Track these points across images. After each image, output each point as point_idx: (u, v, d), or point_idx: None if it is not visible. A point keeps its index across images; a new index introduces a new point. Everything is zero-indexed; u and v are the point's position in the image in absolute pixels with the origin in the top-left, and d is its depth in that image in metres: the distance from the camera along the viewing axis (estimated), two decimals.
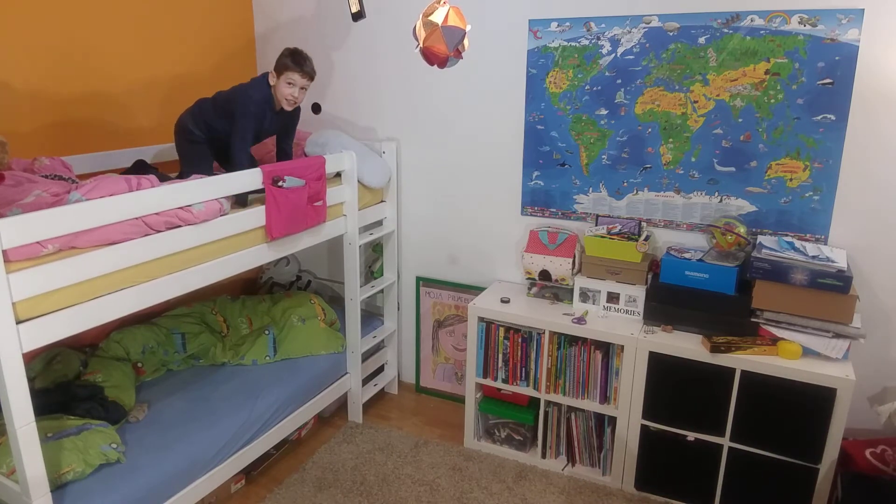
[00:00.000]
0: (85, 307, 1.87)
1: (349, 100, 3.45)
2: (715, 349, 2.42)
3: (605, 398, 2.73)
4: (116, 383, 2.53)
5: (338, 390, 3.15)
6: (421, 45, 1.86)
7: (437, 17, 1.79)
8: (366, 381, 3.37)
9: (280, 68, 2.58)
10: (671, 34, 2.65)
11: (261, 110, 2.60)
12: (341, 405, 3.33)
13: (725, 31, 2.55)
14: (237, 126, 2.57)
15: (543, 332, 2.77)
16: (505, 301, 2.93)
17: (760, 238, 2.59)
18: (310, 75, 2.62)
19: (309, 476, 2.83)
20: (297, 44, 3.47)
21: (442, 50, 1.82)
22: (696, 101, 2.67)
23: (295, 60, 2.57)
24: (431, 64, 1.89)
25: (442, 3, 1.80)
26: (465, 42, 1.87)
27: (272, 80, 2.61)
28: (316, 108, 3.56)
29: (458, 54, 1.85)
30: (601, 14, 2.74)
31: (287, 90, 2.59)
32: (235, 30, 3.49)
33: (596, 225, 2.92)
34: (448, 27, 1.79)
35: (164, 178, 2.41)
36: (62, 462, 2.03)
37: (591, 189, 2.97)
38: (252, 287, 3.76)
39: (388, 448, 3.04)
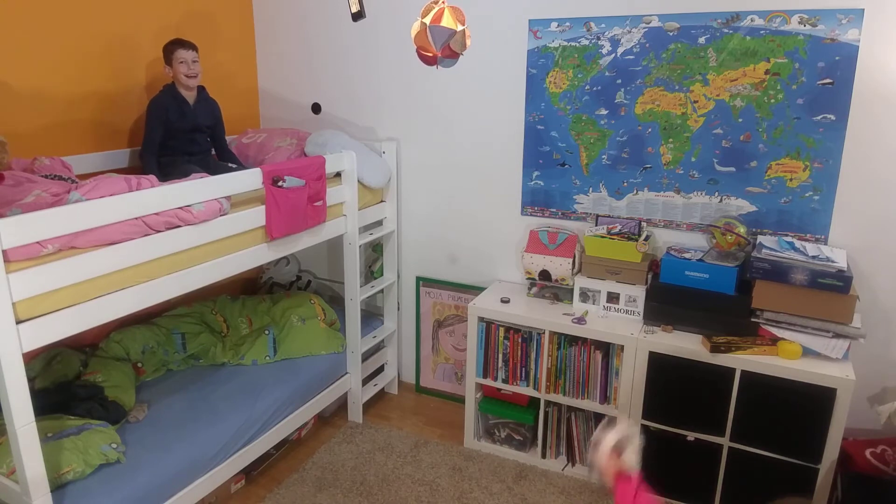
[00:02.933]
0: (85, 307, 1.87)
1: (349, 100, 3.45)
2: (715, 349, 2.42)
3: (605, 398, 2.73)
4: (116, 383, 2.53)
5: (338, 390, 3.15)
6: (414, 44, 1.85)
7: (428, 17, 1.78)
8: (366, 381, 3.37)
9: (167, 55, 2.73)
10: (671, 34, 2.65)
11: (163, 106, 2.72)
12: (341, 405, 3.33)
13: (725, 31, 2.55)
14: (144, 133, 2.73)
15: (543, 332, 2.77)
16: (505, 301, 2.93)
17: (760, 238, 2.58)
18: (193, 47, 2.76)
19: (309, 476, 2.83)
20: (297, 44, 3.50)
21: (430, 49, 1.81)
22: (696, 101, 2.67)
23: (174, 41, 2.73)
24: (429, 64, 1.88)
25: (440, 2, 1.79)
26: (467, 41, 1.86)
27: (169, 73, 2.75)
28: (316, 108, 3.56)
29: (453, 54, 1.83)
30: (601, 14, 2.74)
31: (183, 69, 2.72)
32: (235, 31, 3.49)
33: (596, 225, 2.92)
34: (435, 27, 1.78)
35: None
36: (62, 462, 2.03)
37: (591, 189, 2.97)
38: (252, 287, 3.76)
39: (388, 448, 3.04)
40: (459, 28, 1.78)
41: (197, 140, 2.84)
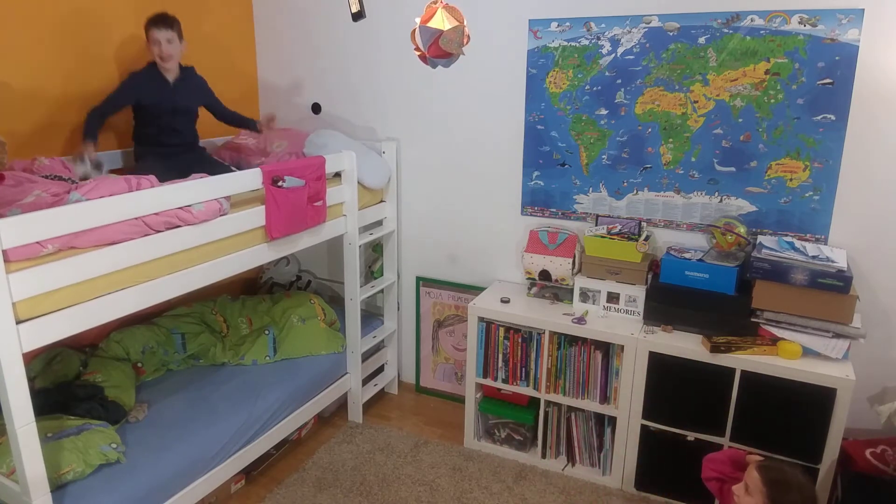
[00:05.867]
0: (85, 307, 1.87)
1: (349, 100, 3.45)
2: (715, 349, 2.42)
3: (605, 398, 2.73)
4: (116, 383, 2.53)
5: (338, 390, 3.15)
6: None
7: (421, 18, 1.79)
8: (366, 381, 3.37)
9: (146, 36, 2.64)
10: (671, 34, 2.65)
11: (138, 77, 2.67)
12: (341, 405, 3.33)
13: (725, 31, 2.55)
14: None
15: (543, 332, 2.77)
16: (505, 301, 2.93)
17: (760, 238, 2.59)
18: (168, 25, 2.61)
19: (309, 476, 2.83)
20: (297, 43, 3.50)
21: (419, 49, 1.82)
22: (696, 101, 2.67)
23: (150, 19, 2.62)
24: (425, 63, 1.88)
25: (438, 2, 1.79)
26: (465, 40, 1.85)
27: (150, 54, 2.69)
28: (316, 108, 3.55)
29: (444, 54, 1.81)
30: (601, 14, 2.74)
31: (155, 50, 2.63)
32: (236, 30, 3.49)
33: (596, 225, 2.92)
34: (423, 27, 1.78)
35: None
36: (62, 462, 2.03)
37: (591, 189, 2.97)
38: (252, 287, 3.76)
39: (388, 448, 3.04)
40: (448, 27, 1.76)
41: (178, 128, 2.74)
